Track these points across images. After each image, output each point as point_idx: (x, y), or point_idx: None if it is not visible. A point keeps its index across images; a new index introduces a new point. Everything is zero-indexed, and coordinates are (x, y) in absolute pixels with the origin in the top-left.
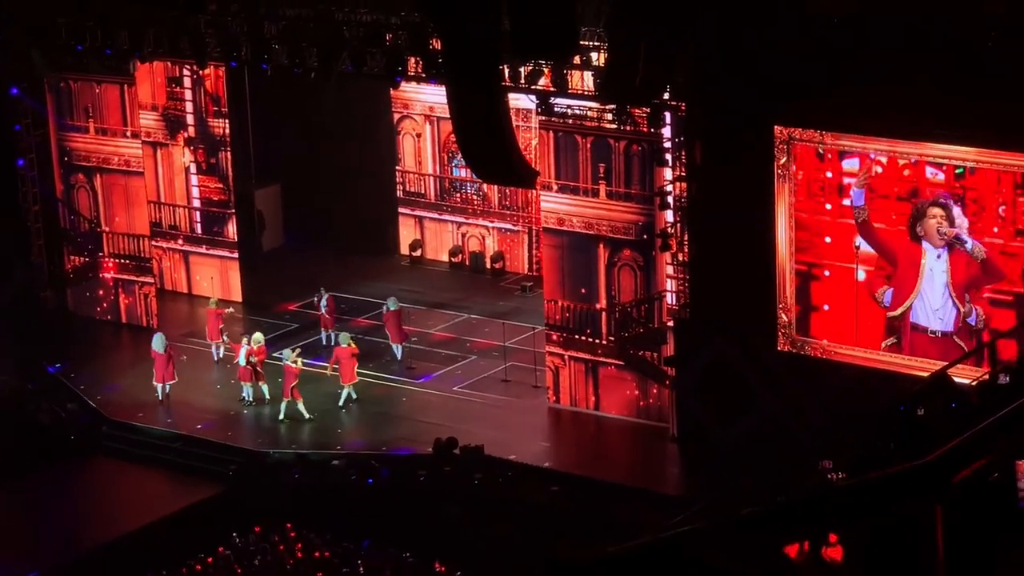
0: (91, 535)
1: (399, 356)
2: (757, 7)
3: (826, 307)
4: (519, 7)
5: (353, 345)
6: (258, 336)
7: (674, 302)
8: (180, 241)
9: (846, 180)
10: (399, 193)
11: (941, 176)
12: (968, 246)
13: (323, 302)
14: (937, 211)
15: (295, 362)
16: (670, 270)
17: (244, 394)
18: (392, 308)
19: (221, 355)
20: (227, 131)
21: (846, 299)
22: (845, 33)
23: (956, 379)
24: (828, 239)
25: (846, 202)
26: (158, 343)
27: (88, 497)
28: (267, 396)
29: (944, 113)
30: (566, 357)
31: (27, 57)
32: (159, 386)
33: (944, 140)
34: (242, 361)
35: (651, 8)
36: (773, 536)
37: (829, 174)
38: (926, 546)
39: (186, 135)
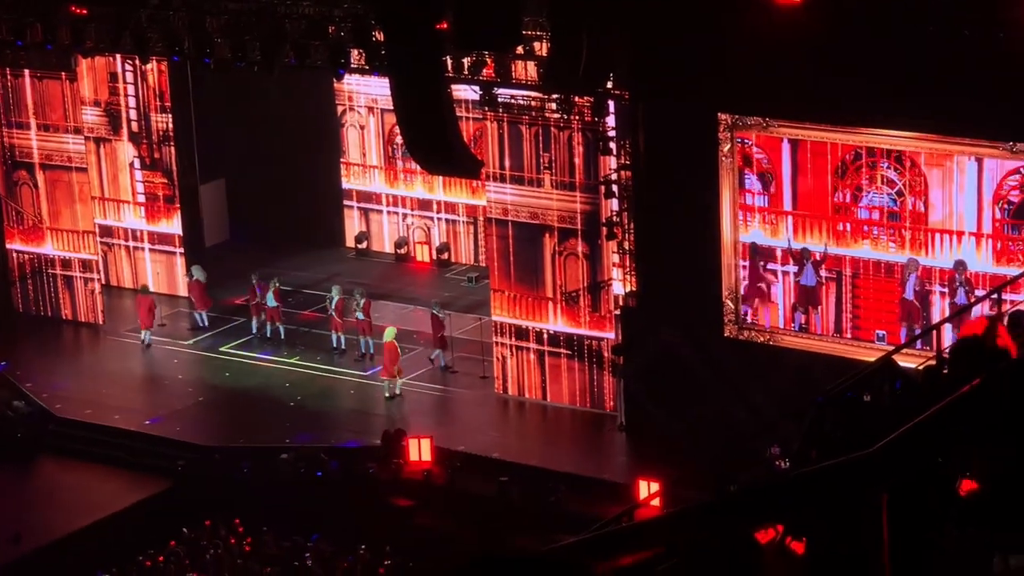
0: (39, 533)
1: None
2: None
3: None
4: None
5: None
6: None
7: (620, 291)
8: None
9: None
10: (344, 185)
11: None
12: None
13: (269, 295)
14: None
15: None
16: (616, 259)
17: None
18: (336, 297)
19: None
20: (170, 126)
21: None
22: (790, 20)
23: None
24: None
25: None
26: (198, 272)
27: (36, 495)
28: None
29: (890, 100)
30: (512, 347)
31: None
32: (198, 314)
33: (889, 127)
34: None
35: None
36: (721, 526)
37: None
38: (871, 535)
39: (129, 130)
